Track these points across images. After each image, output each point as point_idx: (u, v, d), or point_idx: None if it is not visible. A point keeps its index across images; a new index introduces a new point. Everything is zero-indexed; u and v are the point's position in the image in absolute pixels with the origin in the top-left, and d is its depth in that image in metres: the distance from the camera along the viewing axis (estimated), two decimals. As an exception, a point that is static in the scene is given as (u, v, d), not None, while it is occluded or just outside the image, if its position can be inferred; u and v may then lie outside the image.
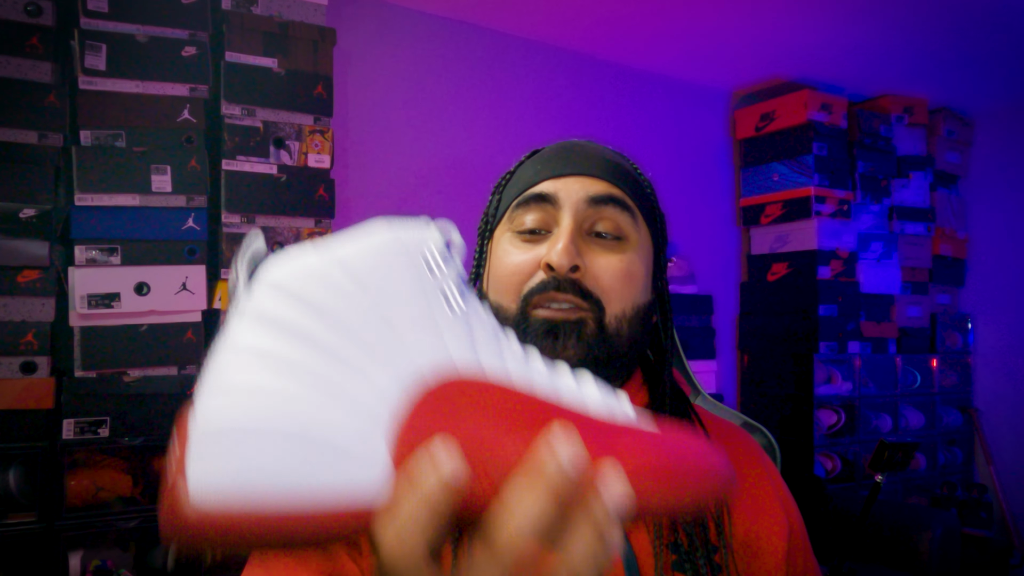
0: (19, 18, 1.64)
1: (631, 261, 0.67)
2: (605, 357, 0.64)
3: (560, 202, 0.67)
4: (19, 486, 1.66)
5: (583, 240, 0.66)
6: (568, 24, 2.59)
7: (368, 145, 2.36)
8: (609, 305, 0.64)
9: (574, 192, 0.67)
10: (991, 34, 2.60)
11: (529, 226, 0.68)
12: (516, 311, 0.65)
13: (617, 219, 0.67)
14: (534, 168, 0.71)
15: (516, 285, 0.66)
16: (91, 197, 1.69)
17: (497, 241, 0.71)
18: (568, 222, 0.65)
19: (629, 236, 0.67)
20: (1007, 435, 3.34)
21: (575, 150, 0.71)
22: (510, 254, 0.68)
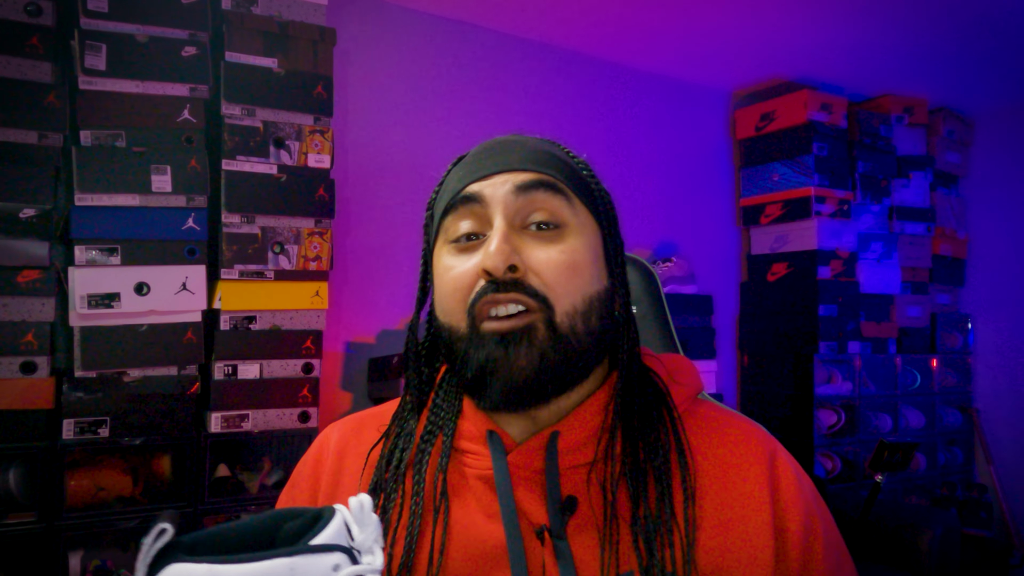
0: (19, 18, 1.64)
1: (573, 250, 0.63)
2: (562, 359, 0.61)
3: (487, 200, 0.64)
4: (19, 486, 1.66)
5: (518, 236, 0.63)
6: (568, 24, 2.59)
7: (368, 145, 2.36)
8: (557, 302, 0.61)
9: (499, 186, 0.64)
10: (991, 34, 2.60)
11: (463, 231, 0.65)
12: (467, 328, 0.62)
13: (550, 205, 0.63)
14: (458, 173, 0.68)
15: (461, 300, 0.63)
16: (91, 197, 1.69)
17: (437, 258, 0.68)
18: (499, 220, 0.62)
19: (567, 222, 0.64)
20: (1007, 435, 3.34)
21: (496, 147, 0.68)
22: (449, 268, 0.65)
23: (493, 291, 0.60)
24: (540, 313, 0.60)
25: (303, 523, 0.40)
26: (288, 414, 1.89)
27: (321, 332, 1.94)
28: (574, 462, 0.64)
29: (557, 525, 0.61)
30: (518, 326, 0.60)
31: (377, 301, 2.36)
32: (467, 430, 0.67)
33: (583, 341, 0.62)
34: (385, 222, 2.39)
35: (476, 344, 0.61)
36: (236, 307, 1.84)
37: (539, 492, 0.63)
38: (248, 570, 0.34)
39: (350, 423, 0.76)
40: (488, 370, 0.61)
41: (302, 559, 0.35)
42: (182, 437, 1.78)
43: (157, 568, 0.35)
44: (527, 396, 0.62)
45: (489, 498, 0.64)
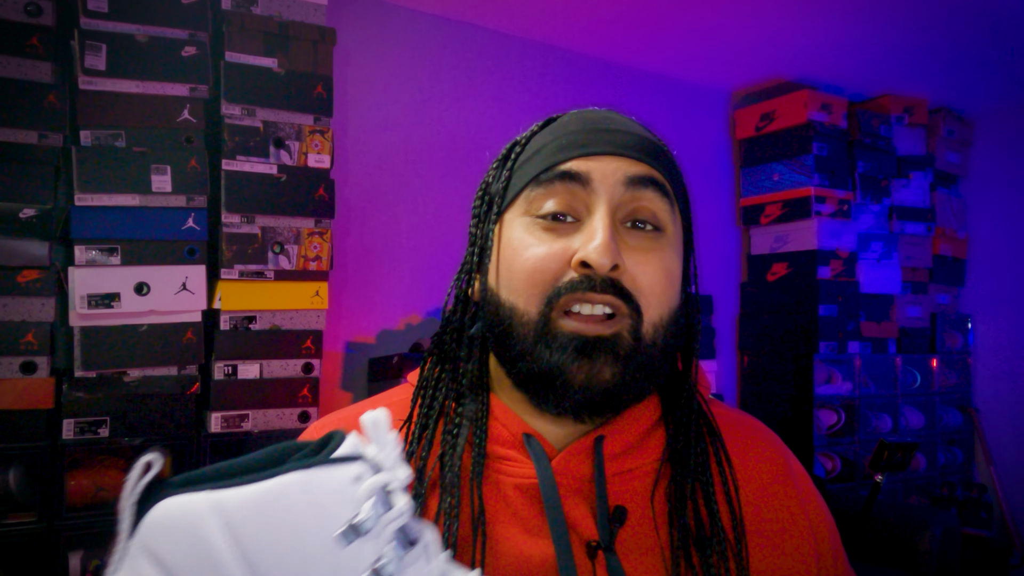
0: (19, 18, 1.64)
1: (670, 259, 0.59)
2: (642, 371, 0.57)
3: (594, 184, 0.57)
4: (19, 486, 1.66)
5: (619, 230, 0.57)
6: (568, 24, 2.59)
7: (368, 145, 2.36)
8: (647, 310, 0.56)
9: (610, 173, 0.57)
10: (991, 34, 2.60)
11: (552, 209, 0.58)
12: (537, 316, 0.56)
13: (656, 206, 0.58)
14: (557, 142, 0.60)
15: (540, 285, 0.56)
16: (91, 197, 1.69)
17: (508, 226, 0.60)
18: (604, 210, 0.56)
19: (667, 227, 0.59)
20: (1007, 435, 3.34)
21: (606, 124, 0.61)
22: (530, 246, 0.57)
23: (588, 288, 0.54)
24: (628, 320, 0.56)
25: (313, 449, 0.35)
26: (288, 414, 1.89)
27: (321, 332, 1.94)
28: (619, 468, 0.59)
29: (606, 538, 0.56)
30: (605, 333, 0.55)
31: (377, 301, 2.36)
32: (499, 433, 0.60)
33: (660, 354, 0.58)
34: (385, 222, 2.39)
35: (549, 341, 0.55)
36: (236, 307, 1.84)
37: (584, 502, 0.57)
38: (255, 491, 0.30)
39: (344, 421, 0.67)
40: (561, 374, 0.55)
41: (317, 472, 0.30)
42: (182, 437, 1.78)
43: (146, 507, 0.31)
44: (601, 407, 0.58)
45: (529, 510, 0.57)
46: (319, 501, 0.30)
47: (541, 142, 0.62)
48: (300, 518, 0.29)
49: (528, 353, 0.56)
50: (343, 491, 0.31)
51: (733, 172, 3.31)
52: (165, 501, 0.31)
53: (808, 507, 0.63)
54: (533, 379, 0.57)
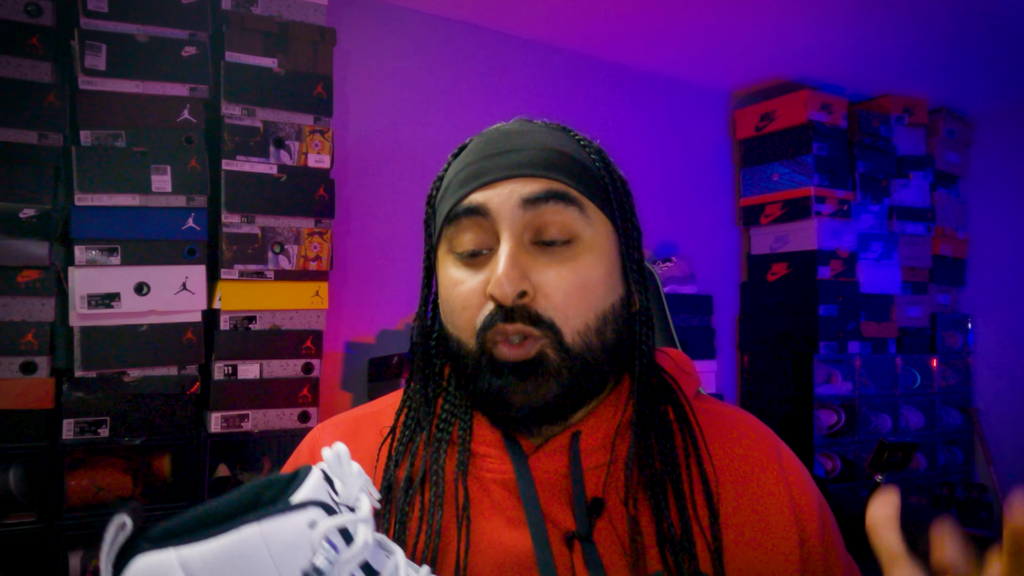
0: (19, 18, 1.64)
1: (586, 267, 0.60)
2: (578, 378, 0.59)
3: (492, 214, 0.59)
4: (19, 486, 1.66)
5: (528, 253, 0.59)
6: (568, 24, 2.59)
7: (368, 145, 2.36)
8: (565, 324, 0.58)
9: (505, 198, 0.59)
10: (991, 34, 2.60)
11: (468, 247, 0.61)
12: (476, 348, 0.60)
13: (562, 218, 0.59)
14: (460, 175, 0.63)
15: (469, 320, 0.60)
16: (91, 197, 1.69)
17: (441, 263, 0.64)
18: (506, 239, 0.59)
19: (580, 234, 0.60)
20: (1007, 435, 3.34)
21: (500, 143, 0.63)
22: (456, 284, 0.61)
23: (501, 320, 0.58)
24: (546, 339, 0.58)
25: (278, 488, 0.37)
26: (288, 414, 1.89)
27: (321, 332, 1.94)
28: (597, 462, 0.62)
29: (584, 529, 0.59)
30: (529, 356, 0.58)
31: (377, 301, 2.36)
32: (481, 433, 0.64)
33: (598, 356, 0.60)
34: (385, 222, 2.39)
35: (489, 369, 0.59)
36: (236, 307, 1.84)
37: (562, 495, 0.61)
38: (215, 547, 0.31)
39: (344, 425, 0.71)
40: (503, 396, 0.59)
41: (272, 522, 0.32)
42: (182, 437, 1.78)
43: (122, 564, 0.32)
44: (547, 417, 0.61)
45: (510, 504, 0.61)
46: (277, 551, 0.31)
47: (451, 175, 0.65)
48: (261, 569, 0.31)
49: (474, 378, 0.61)
50: (300, 538, 0.32)
51: (733, 172, 3.31)
52: (137, 561, 0.32)
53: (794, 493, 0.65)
54: (482, 399, 0.61)
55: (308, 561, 0.31)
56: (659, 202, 3.03)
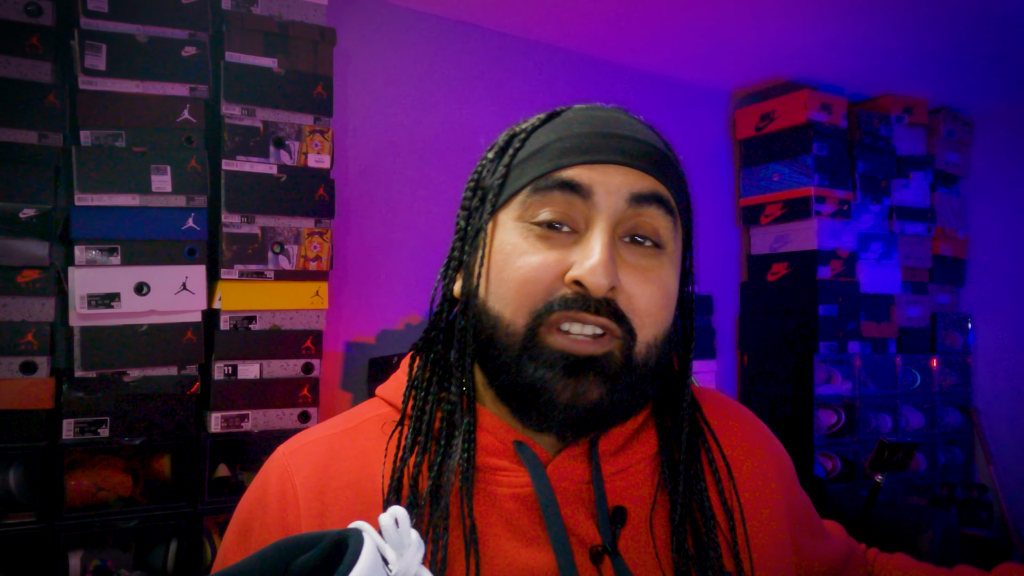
0: (19, 18, 1.64)
1: (669, 277, 0.57)
2: (631, 391, 0.55)
3: (596, 198, 0.54)
4: (19, 486, 1.66)
5: (617, 246, 0.55)
6: (568, 24, 2.59)
7: (368, 145, 2.36)
8: (641, 331, 0.54)
9: (615, 188, 0.54)
10: (991, 34, 2.60)
11: (547, 218, 0.55)
12: (524, 329, 0.53)
13: (659, 223, 0.56)
14: (560, 144, 0.56)
15: (531, 297, 0.53)
16: (91, 197, 1.69)
17: (501, 228, 0.57)
18: (604, 226, 0.54)
19: (668, 245, 0.57)
20: (1007, 435, 3.34)
21: (614, 128, 0.58)
22: (523, 253, 0.54)
23: (582, 307, 0.52)
24: (620, 341, 0.54)
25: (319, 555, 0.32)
26: (288, 414, 1.89)
27: (321, 332, 1.94)
28: (616, 467, 0.58)
29: (609, 541, 0.54)
30: (595, 353, 0.53)
31: (377, 301, 2.36)
32: (488, 443, 0.57)
33: (652, 374, 0.57)
34: (385, 222, 2.39)
35: (535, 355, 0.53)
36: (236, 307, 1.84)
37: (582, 506, 0.56)
38: None
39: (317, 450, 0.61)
40: (546, 391, 0.53)
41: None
42: (182, 437, 1.78)
43: None
44: (587, 427, 0.56)
45: (525, 520, 0.55)
46: None
47: (543, 140, 0.58)
48: None
49: (512, 366, 0.54)
50: None
51: (733, 172, 3.31)
52: None
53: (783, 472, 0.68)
54: (516, 393, 0.55)
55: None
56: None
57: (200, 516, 1.79)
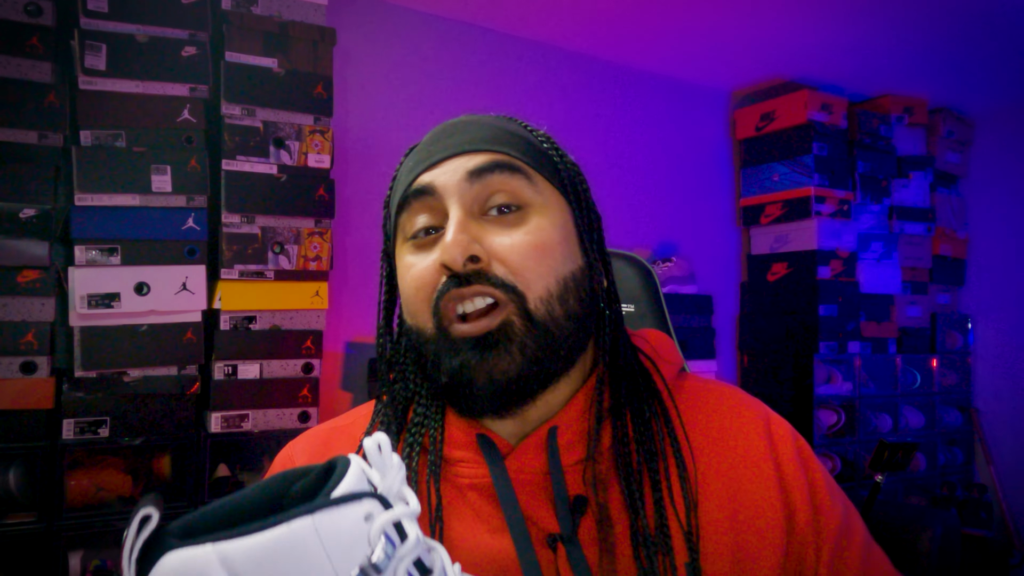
0: (19, 18, 1.64)
1: (539, 229, 0.58)
2: (544, 351, 0.57)
3: (439, 190, 0.59)
4: (19, 486, 1.66)
5: (477, 224, 0.58)
6: (568, 24, 2.59)
7: (368, 145, 2.36)
8: (528, 288, 0.56)
9: (452, 174, 0.59)
10: (991, 34, 2.60)
11: (420, 226, 0.60)
12: (434, 330, 0.58)
13: (509, 186, 0.59)
14: (409, 165, 0.64)
15: (425, 300, 0.58)
16: (91, 197, 1.69)
17: (399, 258, 0.63)
18: (454, 209, 0.58)
19: (530, 202, 0.59)
20: (1007, 435, 3.34)
21: (447, 130, 0.64)
22: (410, 267, 0.60)
23: (455, 286, 0.56)
24: (512, 304, 0.56)
25: (313, 479, 0.34)
26: (288, 414, 1.89)
27: (321, 332, 1.94)
28: (576, 458, 0.59)
29: (568, 529, 0.56)
30: (492, 326, 0.56)
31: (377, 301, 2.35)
32: (454, 436, 0.61)
33: (564, 326, 0.58)
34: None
35: (447, 348, 0.57)
36: (236, 307, 1.84)
37: (543, 495, 0.58)
38: (264, 540, 0.28)
39: (315, 439, 0.68)
40: (465, 377, 0.56)
41: (325, 515, 0.29)
42: (182, 437, 1.78)
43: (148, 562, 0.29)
44: (514, 397, 0.58)
45: (488, 509, 0.59)
46: (332, 545, 0.29)
47: (402, 171, 0.65)
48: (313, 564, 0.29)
49: (437, 365, 0.59)
50: (355, 531, 0.30)
51: (733, 172, 3.31)
52: (168, 557, 0.29)
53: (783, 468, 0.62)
54: (447, 388, 0.59)
55: (365, 556, 0.29)
56: (659, 202, 3.03)
57: (200, 516, 1.79)
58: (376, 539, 0.30)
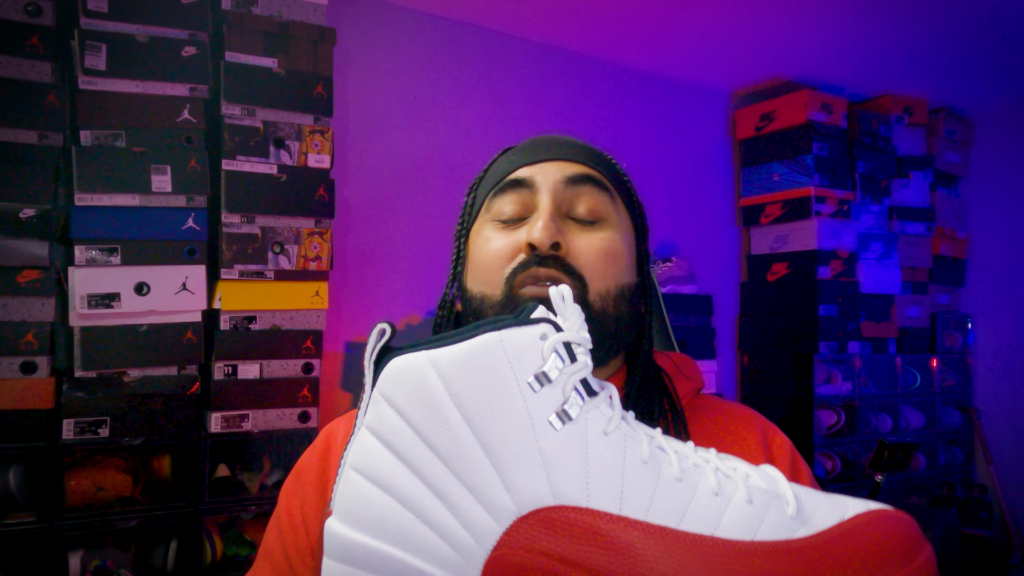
0: (19, 18, 1.64)
1: (611, 239, 0.66)
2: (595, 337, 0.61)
3: (537, 185, 0.66)
4: (19, 486, 1.66)
5: (562, 221, 0.66)
6: (568, 24, 2.59)
7: (368, 145, 2.36)
8: (592, 282, 0.63)
9: (551, 174, 0.67)
10: (991, 34, 2.60)
11: (508, 214, 0.67)
12: (501, 295, 0.64)
13: (595, 199, 0.67)
14: (508, 160, 0.71)
15: (498, 269, 0.65)
16: (91, 197, 1.69)
17: (476, 234, 0.70)
18: (546, 202, 0.65)
19: (608, 216, 0.67)
20: (1007, 435, 3.34)
21: (548, 140, 0.71)
22: (490, 240, 0.67)
23: (535, 264, 0.62)
24: (575, 289, 0.62)
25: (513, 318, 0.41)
26: (288, 414, 1.89)
27: (321, 332, 1.94)
28: None
29: None
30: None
31: (377, 301, 2.36)
32: None
33: (610, 325, 0.64)
34: (385, 222, 2.39)
35: (511, 308, 0.63)
36: (236, 307, 1.84)
37: None
38: (460, 349, 0.36)
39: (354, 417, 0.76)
40: None
41: (509, 331, 0.37)
42: (182, 437, 1.78)
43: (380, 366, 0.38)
44: None
45: None
46: (513, 355, 0.36)
47: (498, 164, 0.73)
48: (497, 368, 0.36)
49: None
50: (532, 346, 0.37)
51: (733, 172, 3.31)
52: (395, 358, 0.38)
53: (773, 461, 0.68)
54: None
55: (539, 367, 0.36)
56: (659, 202, 3.03)
57: (200, 516, 1.79)
58: (548, 354, 0.36)
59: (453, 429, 0.35)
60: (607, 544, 0.33)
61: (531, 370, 0.36)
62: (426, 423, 0.35)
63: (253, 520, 1.94)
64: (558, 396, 0.36)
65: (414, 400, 0.36)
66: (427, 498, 0.35)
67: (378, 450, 0.36)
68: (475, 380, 0.36)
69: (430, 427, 0.35)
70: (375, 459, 0.36)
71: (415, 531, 0.34)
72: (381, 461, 0.36)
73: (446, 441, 0.35)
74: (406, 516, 0.35)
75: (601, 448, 0.35)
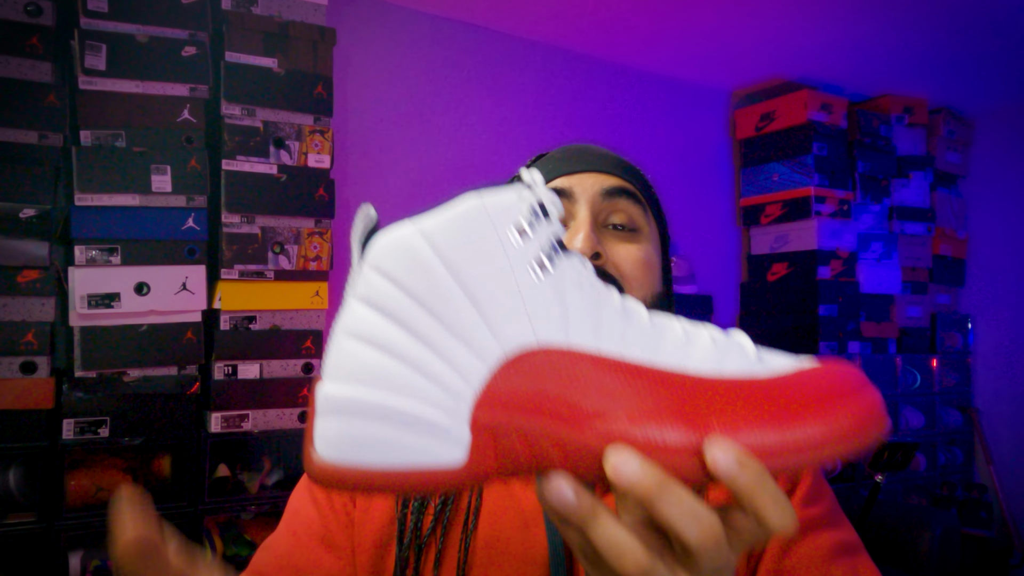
0: (19, 18, 1.64)
1: (647, 250, 0.69)
2: None
3: (575, 196, 0.68)
4: (19, 486, 1.66)
5: (600, 231, 0.68)
6: (568, 24, 2.59)
7: (368, 145, 2.36)
8: (630, 291, 0.65)
9: (589, 186, 0.68)
10: (991, 34, 2.60)
11: None
12: None
13: (631, 211, 0.69)
14: (545, 168, 0.72)
15: None
16: (91, 197, 1.69)
17: None
18: (585, 213, 0.67)
19: (642, 228, 0.69)
20: (1007, 435, 3.34)
21: (584, 149, 0.73)
22: None
23: None
24: None
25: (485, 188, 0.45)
26: (288, 414, 1.89)
27: (321, 332, 1.94)
28: None
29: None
30: None
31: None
32: None
33: None
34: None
35: None
36: (236, 307, 1.84)
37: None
38: (448, 214, 0.39)
39: None
40: None
41: (489, 194, 0.40)
42: (182, 437, 1.78)
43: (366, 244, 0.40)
44: None
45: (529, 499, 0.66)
46: (494, 213, 0.39)
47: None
48: (483, 227, 0.39)
49: None
50: (511, 204, 0.40)
51: (733, 172, 3.31)
52: (381, 233, 0.40)
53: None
54: None
55: (518, 223, 0.39)
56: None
57: (200, 516, 1.79)
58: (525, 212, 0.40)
59: (441, 286, 0.38)
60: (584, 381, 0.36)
61: (511, 225, 0.39)
62: (416, 283, 0.38)
63: (253, 520, 1.94)
64: (535, 249, 0.39)
65: (403, 265, 0.38)
66: (416, 348, 0.37)
67: (368, 314, 0.38)
68: (461, 240, 0.39)
69: (419, 286, 0.38)
70: (366, 321, 0.38)
71: (406, 377, 0.37)
72: (372, 322, 0.38)
73: (435, 298, 0.38)
74: (396, 366, 0.37)
75: (578, 298, 0.39)
